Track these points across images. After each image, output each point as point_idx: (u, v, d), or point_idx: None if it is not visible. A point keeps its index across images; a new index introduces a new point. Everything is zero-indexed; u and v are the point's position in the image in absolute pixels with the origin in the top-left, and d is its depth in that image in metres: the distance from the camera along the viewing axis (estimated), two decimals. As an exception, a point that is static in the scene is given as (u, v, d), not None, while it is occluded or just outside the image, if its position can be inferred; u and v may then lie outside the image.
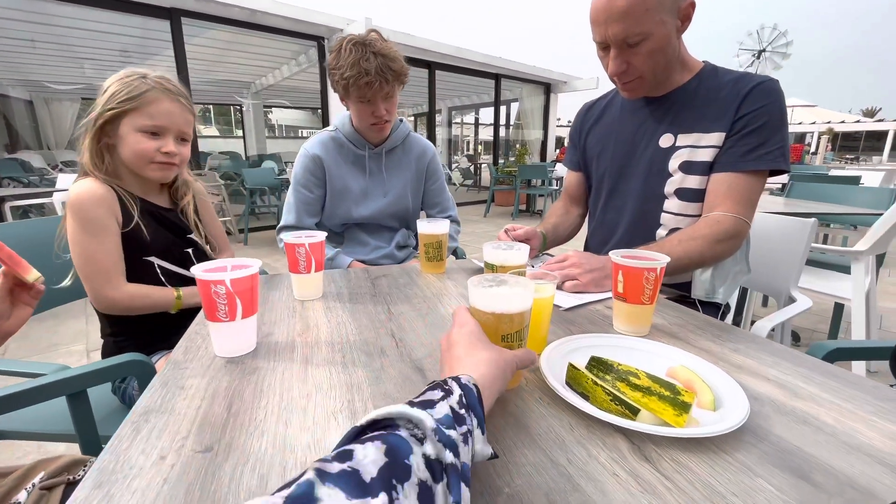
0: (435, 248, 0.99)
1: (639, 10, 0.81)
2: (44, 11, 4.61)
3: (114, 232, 0.90)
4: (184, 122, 0.94)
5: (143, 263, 0.96)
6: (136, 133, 0.90)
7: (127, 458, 0.39)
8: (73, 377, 0.71)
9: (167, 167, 0.94)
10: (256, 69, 7.70)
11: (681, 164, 0.94)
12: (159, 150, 0.92)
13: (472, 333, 0.45)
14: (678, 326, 0.69)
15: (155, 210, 0.99)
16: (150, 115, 0.89)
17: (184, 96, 0.95)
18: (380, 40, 1.26)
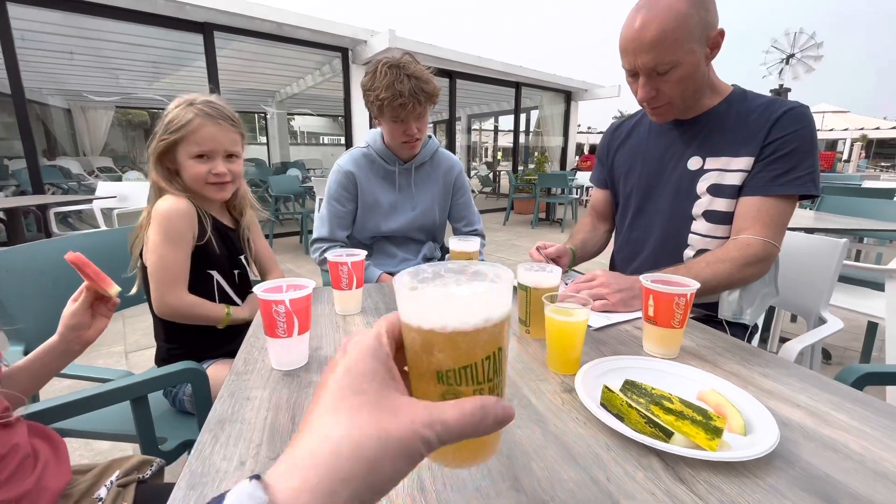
0: (466, 265, 1.03)
1: (668, 41, 0.84)
2: (83, 25, 4.86)
3: (188, 245, 0.98)
4: (229, 141, 1.01)
5: (204, 277, 1.03)
6: (189, 160, 0.98)
7: (212, 462, 0.44)
8: (138, 383, 0.78)
9: (221, 186, 1.02)
10: (282, 79, 7.93)
11: (709, 186, 0.96)
12: (210, 171, 0.99)
13: (341, 378, 0.24)
14: (706, 349, 0.71)
15: (221, 228, 1.07)
16: (197, 142, 0.97)
17: (225, 118, 1.00)
18: (413, 63, 1.31)
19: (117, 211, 3.48)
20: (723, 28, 0.88)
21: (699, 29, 0.85)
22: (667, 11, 0.83)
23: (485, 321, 0.27)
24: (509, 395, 0.57)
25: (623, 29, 0.89)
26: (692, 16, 0.83)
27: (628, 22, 0.88)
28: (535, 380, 0.62)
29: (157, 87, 8.73)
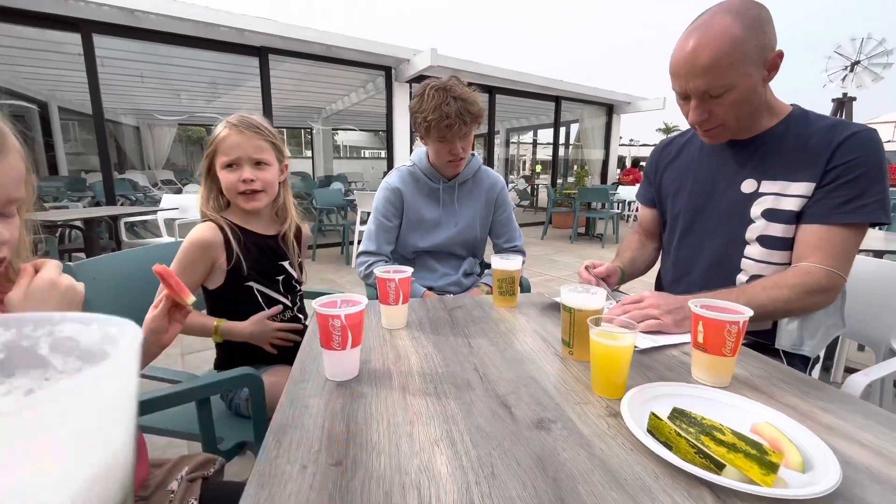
0: (508, 284, 1.05)
1: (722, 65, 0.82)
2: (154, 52, 5.32)
3: (199, 273, 1.04)
4: (253, 148, 1.03)
5: (245, 289, 1.09)
6: (223, 171, 1.04)
7: (277, 465, 0.48)
8: (204, 385, 0.84)
9: (251, 195, 1.05)
10: (328, 96, 8.30)
11: (764, 211, 0.93)
12: (239, 179, 1.03)
13: None
14: (761, 379, 0.69)
15: (257, 240, 1.12)
16: (225, 151, 1.03)
17: (250, 126, 1.04)
18: (459, 85, 1.36)
19: (178, 221, 3.75)
20: (781, 49, 0.85)
21: (756, 52, 0.83)
22: (721, 35, 0.81)
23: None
24: (554, 415, 0.58)
25: (675, 51, 0.88)
26: (748, 39, 0.81)
27: (680, 44, 0.87)
28: (579, 402, 0.62)
29: (214, 106, 9.37)
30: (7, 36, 4.66)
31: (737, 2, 0.84)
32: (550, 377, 0.70)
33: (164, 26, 4.33)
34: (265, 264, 1.12)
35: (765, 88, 0.90)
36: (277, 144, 1.09)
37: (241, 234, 1.08)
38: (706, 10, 0.87)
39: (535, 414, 0.59)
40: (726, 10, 0.83)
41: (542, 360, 0.76)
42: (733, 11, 0.82)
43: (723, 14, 0.83)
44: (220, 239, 1.05)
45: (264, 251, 1.12)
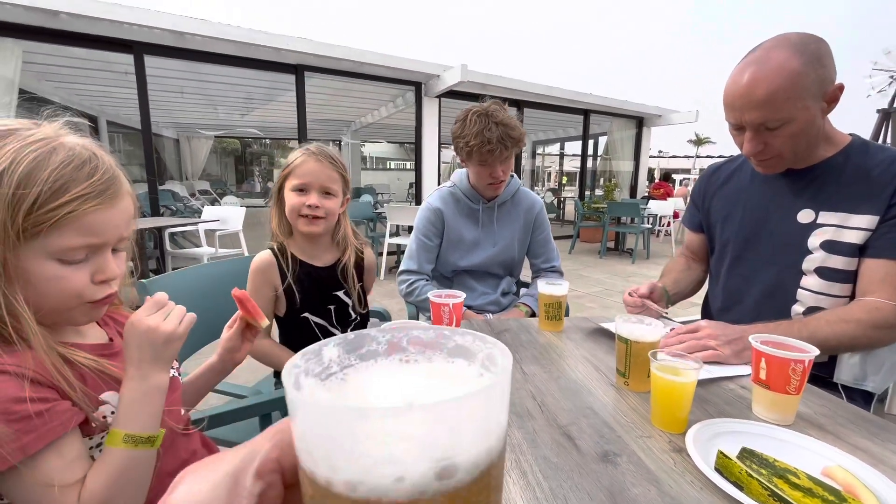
0: (555, 309, 1.06)
1: (780, 99, 0.82)
2: (195, 70, 5.61)
3: (264, 296, 1.10)
4: (326, 178, 1.08)
5: (300, 320, 1.14)
6: (291, 192, 1.09)
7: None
8: (266, 402, 0.89)
9: (313, 221, 1.08)
10: (359, 110, 8.52)
11: (823, 242, 0.92)
12: (304, 204, 1.07)
13: None
14: (826, 417, 0.68)
15: (311, 270, 1.15)
16: (298, 175, 1.07)
17: (328, 157, 1.10)
18: (500, 110, 1.40)
19: (219, 233, 3.91)
20: (842, 82, 0.85)
21: (815, 86, 0.83)
22: (779, 70, 0.82)
23: (474, 464, 0.15)
24: (619, 448, 0.60)
25: (729, 83, 0.89)
26: (807, 74, 0.81)
27: (735, 77, 0.88)
28: (642, 436, 0.63)
29: (248, 119, 9.76)
30: (63, 56, 5.00)
31: (794, 36, 0.84)
32: (608, 408, 0.71)
33: (209, 47, 4.57)
34: (317, 296, 1.15)
35: (823, 120, 0.90)
36: (346, 177, 1.14)
37: (297, 265, 1.12)
38: (761, 43, 0.88)
39: (599, 447, 0.60)
40: (783, 45, 0.84)
41: (598, 390, 0.77)
42: (791, 45, 0.83)
43: (780, 48, 0.83)
44: (275, 265, 1.11)
45: (317, 282, 1.15)
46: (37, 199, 0.47)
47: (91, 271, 0.54)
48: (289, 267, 1.12)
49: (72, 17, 3.84)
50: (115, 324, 0.65)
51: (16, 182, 0.47)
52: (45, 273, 0.50)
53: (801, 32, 0.86)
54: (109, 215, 0.54)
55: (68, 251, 0.51)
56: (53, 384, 0.50)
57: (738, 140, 0.94)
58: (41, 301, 0.51)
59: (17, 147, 0.48)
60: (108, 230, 0.54)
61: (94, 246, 0.53)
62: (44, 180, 0.48)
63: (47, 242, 0.49)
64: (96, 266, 0.54)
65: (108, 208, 0.54)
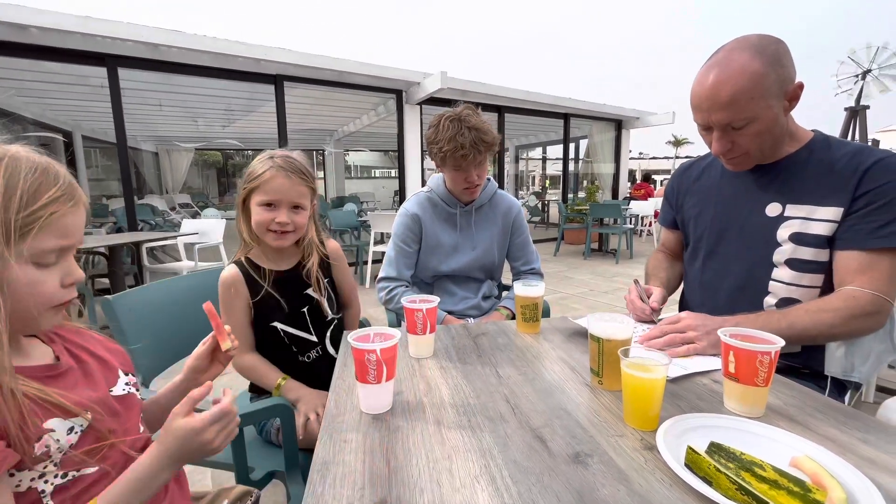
0: (531, 310, 1.06)
1: (743, 100, 0.84)
2: (172, 82, 5.54)
3: (239, 310, 1.07)
4: (296, 194, 1.06)
5: (269, 329, 1.10)
6: (258, 206, 1.06)
7: (324, 501, 0.49)
8: (241, 415, 0.86)
9: (281, 236, 1.07)
10: (340, 119, 8.50)
11: (792, 234, 0.94)
12: (273, 220, 1.05)
13: None
14: (795, 408, 0.69)
15: (282, 276, 1.13)
16: (266, 191, 1.04)
17: (297, 172, 1.07)
18: (473, 115, 1.40)
19: (198, 246, 3.83)
20: (801, 81, 0.87)
21: (776, 86, 0.85)
22: (740, 72, 0.84)
23: None
24: (590, 448, 0.59)
25: (695, 85, 0.91)
26: (768, 75, 0.83)
27: (700, 79, 0.90)
28: (613, 435, 0.63)
29: (230, 131, 9.66)
30: (36, 71, 4.89)
31: (754, 38, 0.86)
32: (582, 408, 0.70)
33: (185, 58, 4.51)
34: (289, 299, 1.12)
35: (787, 118, 0.92)
36: (314, 187, 1.13)
37: (262, 273, 1.10)
38: (723, 45, 0.90)
39: (571, 447, 0.59)
40: (744, 47, 0.86)
41: (572, 391, 0.76)
42: (752, 47, 0.85)
43: (741, 50, 0.85)
44: (241, 277, 1.08)
45: (286, 285, 1.12)
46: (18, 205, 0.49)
47: (60, 275, 0.55)
48: (264, 277, 1.09)
49: (42, 31, 3.76)
50: (60, 339, 0.62)
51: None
52: (24, 278, 0.50)
53: (760, 34, 0.88)
54: (78, 218, 0.56)
55: (44, 254, 0.52)
56: None
57: (707, 139, 0.96)
58: (15, 308, 0.50)
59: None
60: (77, 232, 0.56)
61: (66, 248, 0.55)
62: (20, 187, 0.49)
63: (26, 247, 0.50)
64: (65, 269, 0.55)
65: (77, 211, 0.55)
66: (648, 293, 1.08)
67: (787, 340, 0.67)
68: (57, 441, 0.52)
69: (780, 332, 0.77)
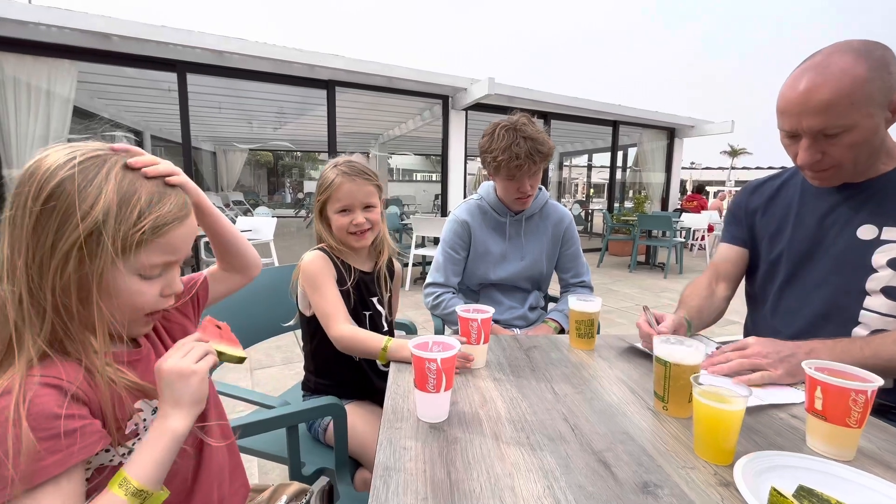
0: (587, 326, 1.03)
1: (843, 104, 0.77)
2: (232, 86, 5.87)
3: (332, 283, 1.08)
4: (364, 195, 1.11)
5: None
6: (335, 214, 1.11)
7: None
8: (295, 413, 0.89)
9: (361, 235, 1.13)
10: (387, 123, 8.69)
11: (890, 260, 0.85)
12: (351, 222, 1.11)
13: None
14: (892, 454, 0.62)
15: (356, 274, 1.15)
16: (339, 198, 1.10)
17: (361, 174, 1.11)
18: (529, 124, 1.38)
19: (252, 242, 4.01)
20: None
21: (881, 94, 0.77)
22: (841, 75, 0.77)
23: None
24: (659, 479, 0.56)
25: (784, 88, 0.84)
26: (873, 80, 0.76)
27: (791, 82, 0.83)
28: (684, 466, 0.59)
29: (281, 133, 10.11)
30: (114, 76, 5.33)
31: (857, 42, 0.80)
32: (646, 434, 0.67)
33: (246, 64, 4.77)
34: (358, 302, 1.15)
35: (886, 131, 0.84)
36: (380, 185, 1.17)
37: (346, 269, 1.13)
38: (821, 49, 0.83)
39: (638, 476, 0.57)
40: (846, 50, 0.79)
41: (634, 414, 0.73)
42: (855, 51, 0.78)
43: (843, 53, 0.79)
44: (329, 259, 1.11)
45: (359, 287, 1.15)
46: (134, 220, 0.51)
47: (162, 286, 0.57)
48: (349, 270, 1.12)
49: (122, 39, 4.09)
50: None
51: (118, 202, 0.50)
52: (129, 288, 0.53)
53: (864, 39, 0.81)
54: (185, 232, 0.57)
55: (151, 268, 0.54)
56: (88, 401, 0.50)
57: (791, 150, 0.89)
58: (115, 314, 0.53)
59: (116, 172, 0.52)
60: (184, 248, 0.58)
61: (171, 263, 0.57)
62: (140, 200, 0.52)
63: (135, 259, 0.52)
64: (166, 281, 0.58)
65: (184, 225, 0.57)
66: (660, 320, 0.96)
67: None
68: (143, 420, 0.56)
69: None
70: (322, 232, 1.15)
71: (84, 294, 0.50)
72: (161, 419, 0.54)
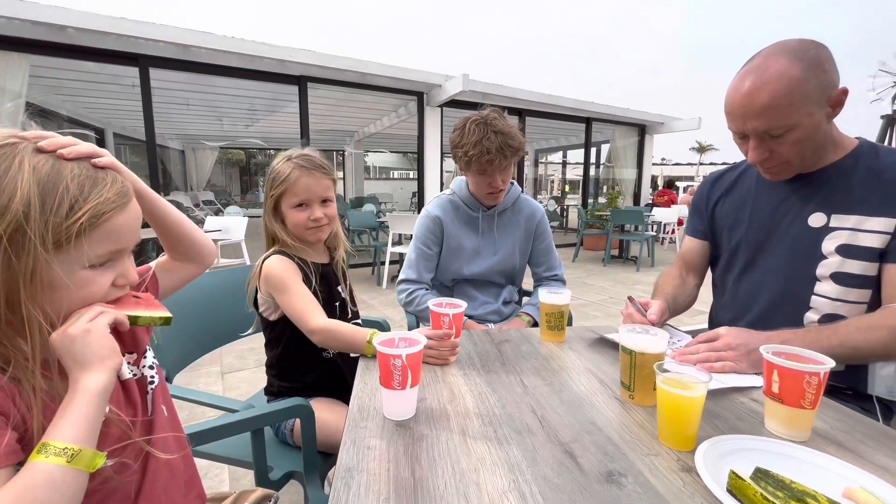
0: (557, 318, 1.03)
1: (782, 105, 0.80)
2: (200, 82, 5.67)
3: (300, 282, 1.05)
4: (322, 189, 1.09)
5: None
6: (292, 209, 1.07)
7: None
8: (259, 416, 0.86)
9: (318, 229, 1.10)
10: (361, 120, 8.59)
11: (838, 246, 0.89)
12: (309, 218, 1.07)
13: None
14: (845, 434, 0.64)
15: (323, 271, 1.13)
16: (296, 193, 1.06)
17: (318, 167, 1.09)
18: (499, 118, 1.38)
19: (221, 242, 3.91)
20: (846, 87, 0.83)
21: (818, 92, 0.81)
22: (778, 78, 0.80)
23: None
24: (623, 467, 0.56)
25: (729, 91, 0.87)
26: (808, 80, 0.79)
27: (735, 85, 0.86)
28: (648, 454, 0.60)
29: (253, 130, 9.85)
30: (72, 70, 5.07)
31: (793, 42, 0.83)
32: (613, 423, 0.68)
33: (213, 59, 4.61)
34: (327, 294, 1.13)
35: (829, 125, 0.87)
36: (335, 179, 1.14)
37: (307, 266, 1.10)
38: (759, 51, 0.86)
39: (603, 465, 0.57)
40: (782, 52, 0.82)
41: (602, 404, 0.74)
42: (790, 52, 0.81)
43: (778, 55, 0.81)
44: (294, 264, 1.07)
45: (324, 279, 1.13)
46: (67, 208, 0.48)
47: (114, 275, 0.55)
48: (309, 267, 1.09)
49: (79, 31, 3.89)
50: None
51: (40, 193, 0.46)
52: (77, 280, 0.50)
53: (800, 39, 0.84)
54: (128, 219, 0.54)
55: (97, 258, 0.52)
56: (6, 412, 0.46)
57: (742, 148, 0.92)
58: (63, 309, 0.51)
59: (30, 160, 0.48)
60: (130, 235, 0.55)
61: (117, 251, 0.54)
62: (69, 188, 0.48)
63: (76, 252, 0.49)
64: (118, 271, 0.55)
65: (126, 212, 0.54)
66: (646, 307, 1.00)
67: (837, 360, 0.63)
68: None
69: (832, 350, 0.73)
70: (276, 229, 1.10)
71: (14, 297, 0.47)
72: (72, 386, 0.49)
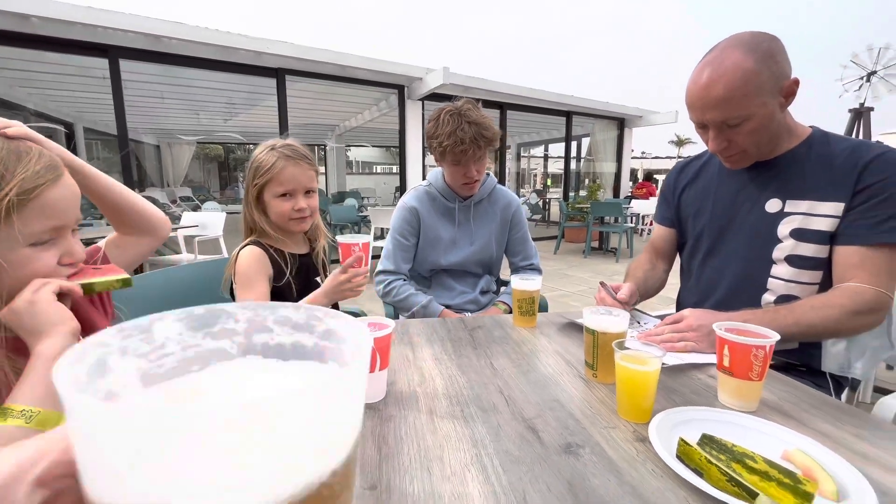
0: (528, 304, 1.06)
1: (737, 97, 0.84)
2: (174, 74, 5.53)
3: (263, 282, 1.06)
4: (307, 179, 1.10)
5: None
6: (275, 199, 1.08)
7: (314, 489, 0.49)
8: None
9: (301, 220, 1.11)
10: (342, 114, 8.48)
11: (793, 230, 0.93)
12: (293, 208, 1.08)
13: None
14: (790, 404, 0.68)
15: (302, 261, 1.14)
16: (281, 182, 1.06)
17: (304, 158, 1.10)
18: (474, 109, 1.39)
19: (198, 238, 3.83)
20: (797, 77, 0.87)
21: (770, 83, 0.84)
22: (733, 70, 0.83)
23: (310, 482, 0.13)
24: (582, 439, 0.59)
25: (689, 84, 0.91)
26: (761, 72, 0.83)
27: (694, 77, 0.90)
28: (606, 427, 0.62)
29: (231, 125, 9.64)
30: (38, 62, 4.88)
31: (747, 35, 0.86)
32: (575, 400, 0.70)
33: (187, 50, 4.50)
34: (302, 283, 1.14)
35: (783, 114, 0.91)
36: (318, 170, 1.15)
37: (283, 257, 1.10)
38: (717, 44, 0.90)
39: (563, 438, 0.59)
40: (736, 45, 0.85)
41: (566, 383, 0.76)
42: (744, 45, 0.85)
43: (733, 48, 0.85)
44: (267, 257, 1.08)
45: (299, 271, 1.14)
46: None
47: (59, 254, 0.55)
48: (285, 260, 1.10)
49: (43, 20, 3.74)
50: None
51: None
52: (17, 258, 0.51)
53: (754, 31, 0.88)
54: (63, 193, 0.54)
55: (36, 235, 0.52)
56: None
57: (704, 138, 0.96)
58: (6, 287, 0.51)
59: None
60: (68, 210, 0.55)
61: (57, 227, 0.54)
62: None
63: (9, 229, 0.50)
64: (63, 248, 0.55)
65: (59, 185, 0.54)
66: (617, 290, 1.06)
67: (793, 337, 0.67)
68: None
69: (787, 328, 0.77)
70: (257, 218, 1.10)
71: None
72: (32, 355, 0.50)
